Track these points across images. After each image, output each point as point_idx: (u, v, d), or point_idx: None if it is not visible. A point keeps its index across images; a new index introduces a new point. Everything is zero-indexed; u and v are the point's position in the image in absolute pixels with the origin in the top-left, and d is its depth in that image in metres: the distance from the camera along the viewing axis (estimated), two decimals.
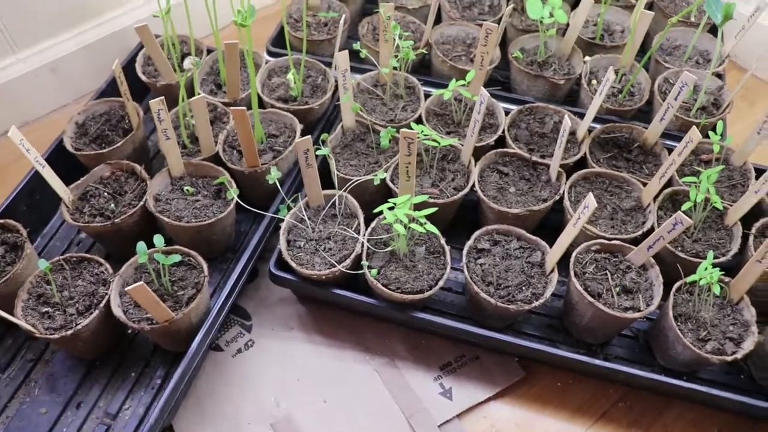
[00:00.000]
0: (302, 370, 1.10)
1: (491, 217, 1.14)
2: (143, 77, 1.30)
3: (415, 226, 0.99)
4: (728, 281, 1.06)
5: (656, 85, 1.29)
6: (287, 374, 1.09)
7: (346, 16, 1.41)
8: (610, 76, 1.13)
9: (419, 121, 1.22)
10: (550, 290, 1.03)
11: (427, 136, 1.12)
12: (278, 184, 1.09)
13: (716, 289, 0.99)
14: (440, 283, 1.03)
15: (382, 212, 1.01)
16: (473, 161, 1.16)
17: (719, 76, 1.37)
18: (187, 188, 1.13)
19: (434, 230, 1.01)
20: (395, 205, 1.00)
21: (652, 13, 1.24)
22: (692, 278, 1.01)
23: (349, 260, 1.04)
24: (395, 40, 1.20)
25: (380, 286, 1.02)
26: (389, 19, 1.20)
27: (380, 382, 1.09)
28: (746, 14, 1.32)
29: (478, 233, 1.08)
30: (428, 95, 1.25)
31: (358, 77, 1.28)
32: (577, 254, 1.07)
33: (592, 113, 1.17)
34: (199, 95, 1.09)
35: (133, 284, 0.90)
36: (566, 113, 1.23)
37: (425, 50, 1.34)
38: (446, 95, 1.17)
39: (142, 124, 1.22)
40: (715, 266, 1.06)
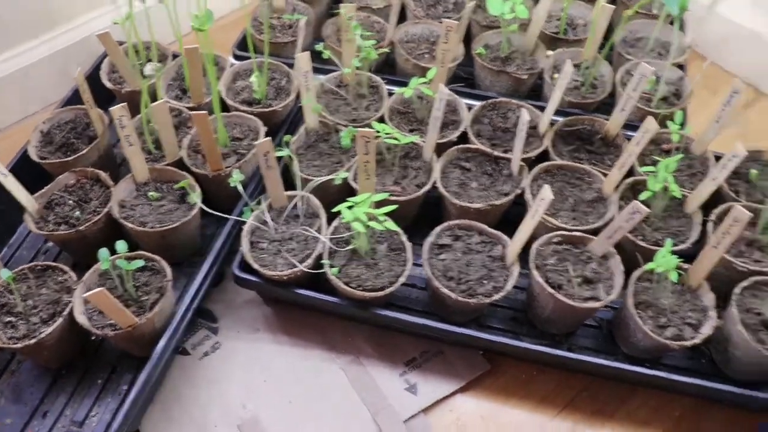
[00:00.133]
0: (268, 371, 1.10)
1: (454, 212, 1.14)
2: (108, 84, 1.30)
3: (374, 224, 0.99)
4: (687, 268, 1.07)
5: (618, 77, 1.30)
6: (254, 376, 1.10)
7: (309, 17, 1.41)
8: (567, 69, 1.13)
9: (382, 120, 1.22)
10: (511, 283, 1.04)
11: (388, 134, 1.12)
12: (241, 186, 1.10)
13: (673, 276, 1.00)
14: (401, 279, 1.03)
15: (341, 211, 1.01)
16: (435, 158, 1.17)
17: (681, 66, 1.37)
18: (151, 194, 1.13)
19: (394, 227, 1.02)
20: (355, 204, 1.01)
21: (612, 6, 1.25)
22: (650, 266, 1.02)
23: (310, 260, 1.04)
24: (357, 40, 1.21)
25: (341, 284, 1.03)
26: (350, 19, 1.20)
27: (346, 380, 1.10)
28: (707, 4, 1.33)
29: (439, 229, 1.09)
30: (393, 94, 1.26)
31: (322, 78, 1.29)
32: (538, 246, 1.07)
33: (552, 107, 1.18)
34: (160, 101, 1.10)
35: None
36: (525, 107, 1.23)
37: (388, 49, 1.34)
38: (407, 93, 1.17)
39: (107, 131, 1.22)
40: (675, 254, 1.06)
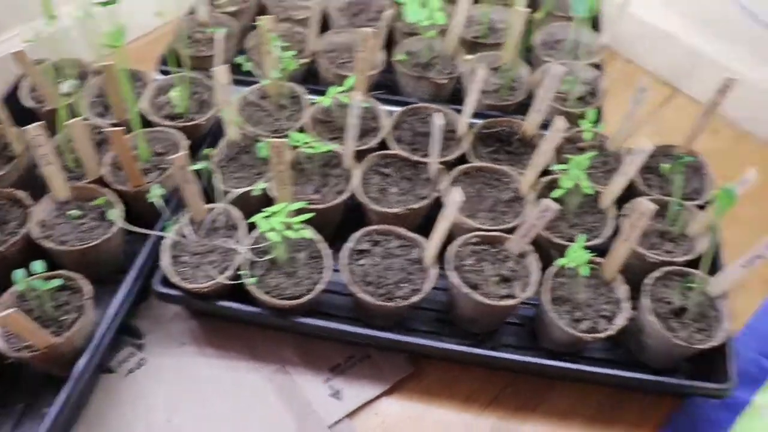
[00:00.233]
0: (194, 384, 1.11)
1: (374, 218, 1.16)
2: (29, 103, 1.30)
3: (289, 232, 1.01)
4: (601, 262, 1.10)
5: (537, 79, 1.33)
6: (179, 390, 1.10)
7: (233, 30, 1.42)
8: (480, 73, 1.16)
9: (303, 129, 1.24)
10: (429, 285, 1.06)
11: (305, 144, 1.14)
12: (163, 201, 1.10)
13: (584, 271, 1.03)
14: (319, 286, 1.05)
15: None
16: (355, 165, 1.18)
17: (598, 66, 1.40)
18: (72, 212, 1.13)
19: (309, 235, 1.03)
20: (271, 213, 1.02)
21: (526, 11, 1.28)
22: (562, 262, 1.05)
23: (229, 271, 1.05)
24: (275, 51, 1.22)
25: (260, 293, 1.04)
26: (269, 31, 1.22)
27: (271, 389, 1.11)
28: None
29: (357, 235, 1.11)
30: (314, 103, 1.27)
31: (245, 90, 1.30)
32: (455, 248, 1.09)
33: (468, 110, 1.20)
34: (76, 119, 1.10)
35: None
36: (440, 112, 1.25)
37: (307, 60, 1.36)
38: (325, 102, 1.19)
39: (26, 150, 1.22)
40: (590, 248, 1.09)
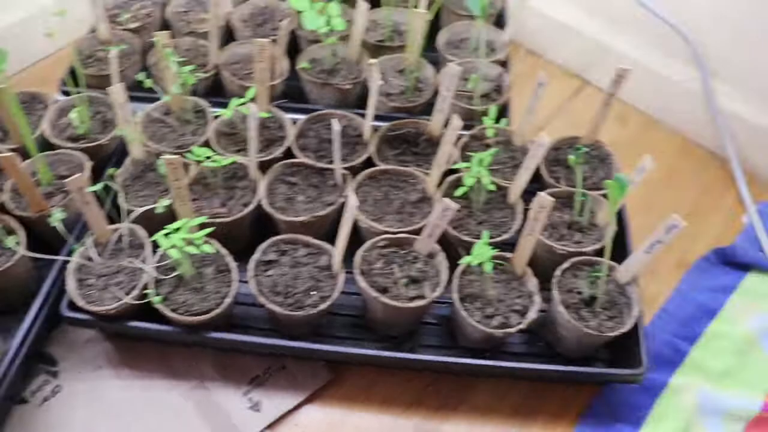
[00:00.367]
0: (111, 407, 1.11)
1: (283, 227, 1.17)
2: None
3: (190, 248, 1.01)
4: (510, 257, 1.12)
5: (440, 79, 1.35)
6: (96, 415, 1.10)
7: (135, 47, 1.42)
8: (375, 77, 1.18)
9: (207, 143, 1.24)
10: (337, 291, 1.07)
11: (208, 158, 1.14)
12: (62, 225, 1.09)
13: (488, 267, 1.05)
14: (227, 300, 1.05)
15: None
16: (261, 176, 1.19)
17: (504, 63, 1.43)
18: None
19: (211, 250, 1.03)
20: (172, 231, 1.02)
21: (424, 11, 1.30)
22: (466, 260, 1.06)
23: (136, 291, 1.05)
24: (173, 67, 1.22)
25: (168, 311, 1.04)
26: (165, 47, 1.22)
27: (190, 407, 1.11)
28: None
29: (264, 246, 1.11)
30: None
31: (149, 107, 1.30)
32: (362, 252, 1.11)
33: (370, 113, 1.22)
34: None
35: None
36: (337, 117, 1.27)
37: (210, 73, 1.37)
38: (226, 115, 1.20)
39: None
40: (500, 244, 1.12)
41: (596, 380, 1.15)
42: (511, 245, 1.13)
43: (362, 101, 1.41)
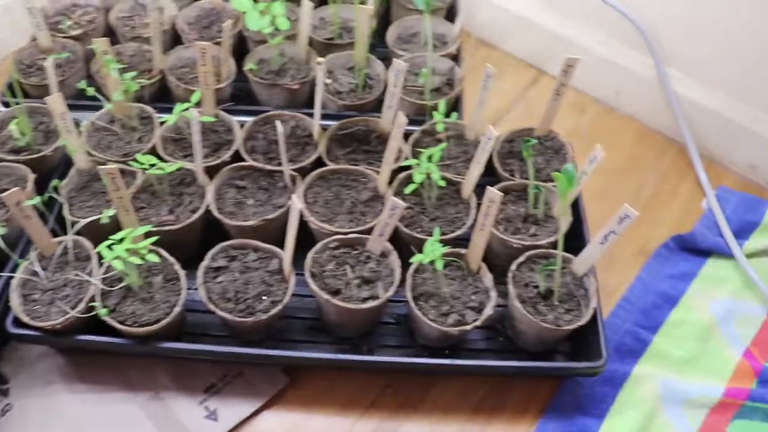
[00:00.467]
0: (65, 422, 1.10)
1: (233, 232, 1.17)
2: None
3: (134, 259, 1.01)
4: (464, 253, 1.13)
5: (390, 75, 1.35)
6: (49, 431, 1.09)
7: (78, 54, 1.41)
8: (319, 75, 1.18)
9: (153, 150, 1.23)
10: (288, 295, 1.07)
11: (153, 165, 1.14)
12: (5, 240, 1.09)
13: (439, 265, 1.05)
14: (176, 309, 1.05)
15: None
16: (209, 181, 1.19)
17: (455, 57, 1.44)
18: None
19: (156, 260, 1.03)
20: (116, 241, 1.02)
21: (369, 7, 1.30)
22: (417, 258, 1.07)
23: (82, 304, 1.05)
24: (113, 74, 1.22)
25: (116, 323, 1.04)
26: (105, 53, 1.21)
27: (145, 418, 1.11)
28: None
29: (212, 252, 1.11)
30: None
31: (94, 115, 1.29)
32: (313, 254, 1.11)
33: (317, 112, 1.23)
34: None
35: None
36: (281, 118, 1.28)
37: (156, 78, 1.36)
38: (171, 121, 1.19)
39: None
40: (455, 240, 1.13)
41: (556, 374, 1.17)
42: (466, 241, 1.14)
43: (312, 101, 1.41)
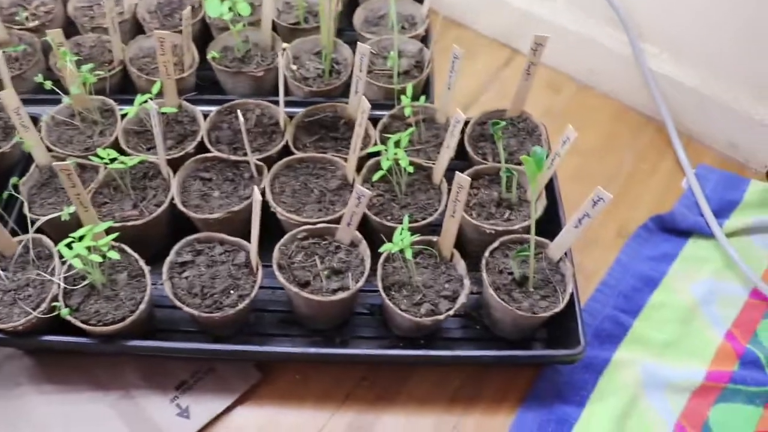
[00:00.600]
0: (33, 424, 1.10)
1: (199, 226, 1.17)
2: None
3: (95, 256, 1.00)
4: (436, 240, 1.13)
5: (356, 58, 1.34)
6: None
7: (36, 47, 1.40)
8: (281, 61, 1.18)
9: (116, 144, 1.23)
10: (256, 289, 1.07)
11: (114, 159, 1.14)
12: None
13: (409, 253, 1.05)
14: (142, 306, 1.05)
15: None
16: (172, 174, 1.18)
17: (424, 38, 1.44)
18: None
19: (116, 256, 1.03)
20: (76, 239, 1.02)
21: None
22: (386, 247, 1.07)
23: (44, 304, 1.04)
24: (69, 66, 1.21)
25: (79, 323, 1.04)
26: (60, 45, 1.21)
27: (116, 417, 1.11)
28: None
29: (177, 247, 1.11)
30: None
31: (53, 109, 1.28)
32: (280, 246, 1.11)
33: (282, 99, 1.22)
34: None
35: None
36: (248, 107, 1.28)
37: (117, 69, 1.35)
38: (131, 113, 1.19)
39: None
40: (425, 227, 1.13)
41: (534, 362, 1.17)
42: (438, 227, 1.13)
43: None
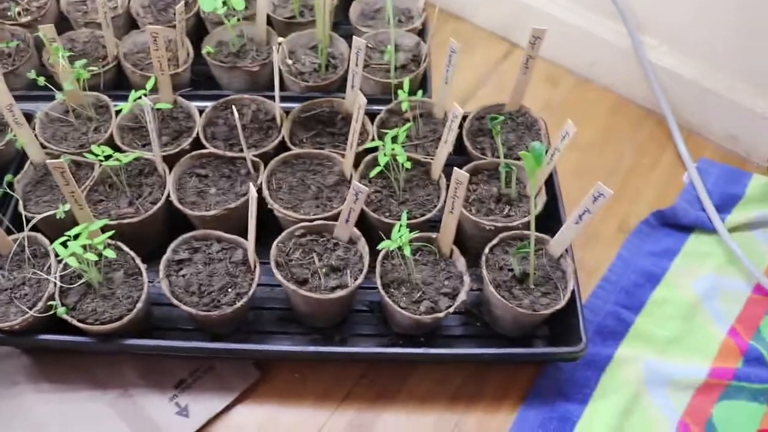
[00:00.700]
0: (31, 423, 1.11)
1: (196, 223, 1.18)
2: None
3: (90, 255, 1.01)
4: (435, 237, 1.13)
5: (352, 52, 1.35)
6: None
7: (28, 42, 1.40)
8: (276, 57, 1.19)
9: (111, 140, 1.23)
10: (254, 287, 1.07)
11: (109, 156, 1.14)
12: None
13: (407, 251, 1.06)
14: (139, 305, 1.06)
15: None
16: (167, 170, 1.19)
17: (421, 32, 1.44)
18: None
19: (112, 255, 1.04)
20: (71, 237, 1.02)
21: None
22: (384, 244, 1.07)
23: (41, 303, 1.05)
24: (62, 62, 1.21)
25: (76, 322, 1.04)
26: (53, 41, 1.21)
27: (114, 416, 1.12)
28: None
29: (174, 244, 1.12)
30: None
31: (47, 106, 1.29)
32: (277, 243, 1.12)
33: (277, 94, 1.23)
34: None
35: None
36: (244, 103, 1.29)
37: (111, 65, 1.36)
38: (125, 110, 1.19)
39: None
40: (424, 224, 1.13)
41: (535, 360, 1.18)
42: (437, 223, 1.14)
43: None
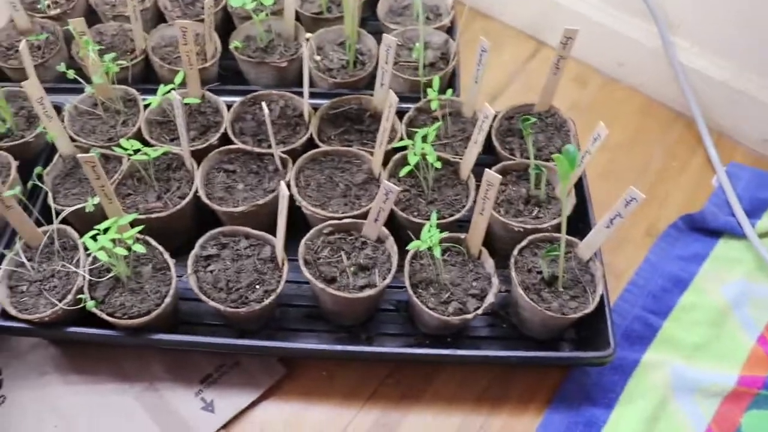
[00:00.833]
0: (59, 414, 1.14)
1: (224, 219, 1.20)
2: None
3: (120, 249, 1.03)
4: (464, 237, 1.14)
5: (382, 50, 1.36)
6: (44, 422, 1.13)
7: (58, 35, 1.43)
8: (306, 53, 1.21)
9: (139, 134, 1.25)
10: (282, 284, 1.09)
11: (137, 150, 1.16)
12: None
13: (437, 251, 1.07)
14: (167, 300, 1.08)
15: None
16: (195, 165, 1.21)
17: (449, 29, 1.45)
18: None
19: (142, 249, 1.05)
20: (101, 231, 1.04)
21: None
22: (414, 244, 1.09)
23: (70, 296, 1.07)
24: (92, 55, 1.23)
25: (104, 315, 1.06)
26: (83, 34, 1.23)
27: (140, 409, 1.14)
28: None
29: (202, 240, 1.14)
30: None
31: (76, 99, 1.31)
32: (306, 241, 1.13)
33: (306, 91, 1.25)
34: None
35: None
36: (272, 98, 1.31)
37: (139, 59, 1.38)
38: (154, 103, 1.21)
39: None
40: (452, 224, 1.14)
41: (562, 364, 1.19)
42: (466, 223, 1.15)
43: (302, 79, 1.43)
